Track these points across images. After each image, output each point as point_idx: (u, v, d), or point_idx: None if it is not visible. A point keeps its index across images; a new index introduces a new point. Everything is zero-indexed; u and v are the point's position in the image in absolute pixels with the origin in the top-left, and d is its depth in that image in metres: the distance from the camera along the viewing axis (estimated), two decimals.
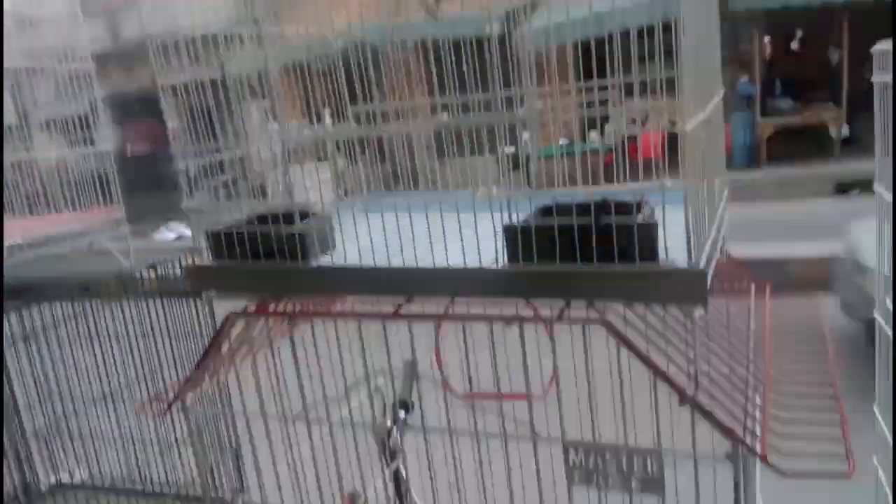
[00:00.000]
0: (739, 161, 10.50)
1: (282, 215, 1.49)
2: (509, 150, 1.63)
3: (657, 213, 1.23)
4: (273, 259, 1.48)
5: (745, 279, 1.78)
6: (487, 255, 1.32)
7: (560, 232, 1.24)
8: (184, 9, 1.54)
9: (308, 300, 1.57)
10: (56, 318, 2.84)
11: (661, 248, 1.21)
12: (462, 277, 1.35)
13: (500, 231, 1.30)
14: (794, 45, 11.17)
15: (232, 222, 1.57)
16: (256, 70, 1.77)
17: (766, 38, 10.77)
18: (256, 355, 1.52)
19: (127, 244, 2.70)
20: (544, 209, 1.31)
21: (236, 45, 1.67)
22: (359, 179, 2.03)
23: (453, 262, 1.34)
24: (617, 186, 1.34)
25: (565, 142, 8.24)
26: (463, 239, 1.32)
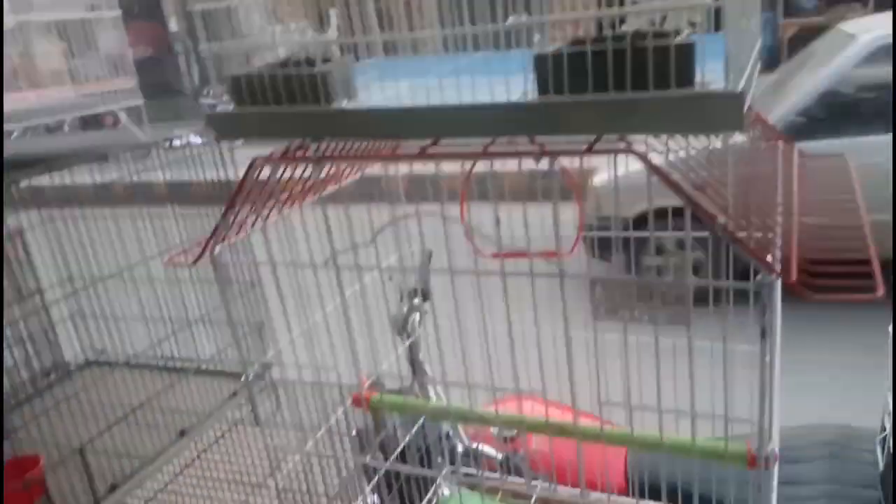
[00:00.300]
0: (761, 63, 10.18)
1: (304, 59, 1.45)
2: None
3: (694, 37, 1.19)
4: (296, 103, 1.46)
5: (772, 134, 1.76)
6: (517, 92, 1.29)
7: (594, 56, 1.20)
8: None
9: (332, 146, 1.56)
10: (71, 195, 2.80)
11: (698, 73, 1.17)
12: (491, 114, 1.32)
13: (531, 63, 1.26)
14: None
15: (252, 69, 1.53)
16: None
17: None
18: (285, 207, 1.51)
19: (142, 115, 2.67)
20: (576, 39, 1.27)
21: None
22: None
23: (481, 100, 1.31)
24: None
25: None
26: (491, 76, 1.29)
